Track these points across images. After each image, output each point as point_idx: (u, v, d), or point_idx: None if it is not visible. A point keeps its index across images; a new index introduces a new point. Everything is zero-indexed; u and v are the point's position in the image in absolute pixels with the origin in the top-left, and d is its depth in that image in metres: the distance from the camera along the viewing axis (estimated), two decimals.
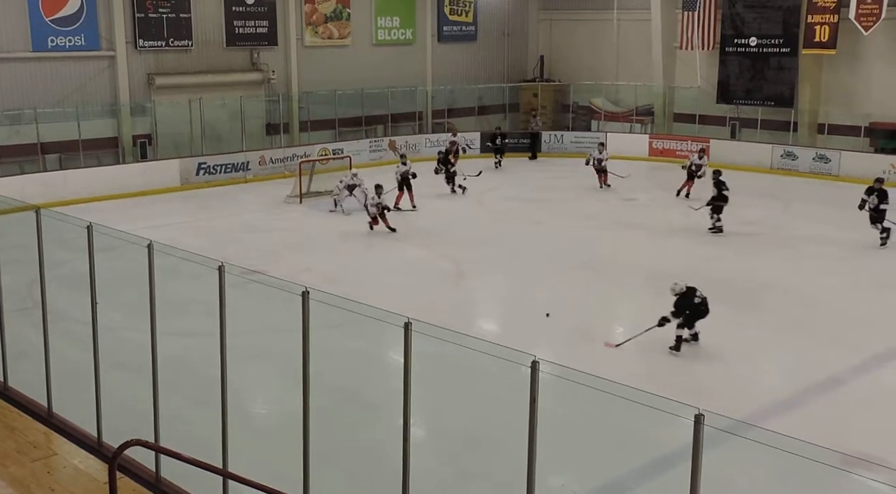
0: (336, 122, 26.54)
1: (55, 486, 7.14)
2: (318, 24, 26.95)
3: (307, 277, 11.13)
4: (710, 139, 26.64)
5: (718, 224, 17.85)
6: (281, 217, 19.76)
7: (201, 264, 7.24)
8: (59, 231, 8.60)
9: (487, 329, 12.68)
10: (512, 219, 19.47)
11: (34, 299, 9.29)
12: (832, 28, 24.64)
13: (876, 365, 11.29)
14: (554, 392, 6.11)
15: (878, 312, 13.11)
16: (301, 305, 6.24)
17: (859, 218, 17.03)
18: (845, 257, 16.36)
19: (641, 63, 28.88)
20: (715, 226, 17.86)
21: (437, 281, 15.03)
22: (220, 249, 15.33)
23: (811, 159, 24.60)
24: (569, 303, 13.54)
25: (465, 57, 30.51)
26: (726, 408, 8.58)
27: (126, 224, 12.29)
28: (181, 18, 23.78)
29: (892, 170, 23.14)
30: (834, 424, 9.12)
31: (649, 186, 23.67)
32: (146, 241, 7.29)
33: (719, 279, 14.81)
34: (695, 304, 11.28)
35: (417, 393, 6.02)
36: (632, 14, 29.33)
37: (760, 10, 26.40)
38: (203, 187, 22.60)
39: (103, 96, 22.78)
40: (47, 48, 21.72)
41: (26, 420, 8.42)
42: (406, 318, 5.67)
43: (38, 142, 21.28)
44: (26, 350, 9.30)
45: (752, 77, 26.83)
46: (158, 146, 23.58)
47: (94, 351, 8.03)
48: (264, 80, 25.58)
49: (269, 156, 24.19)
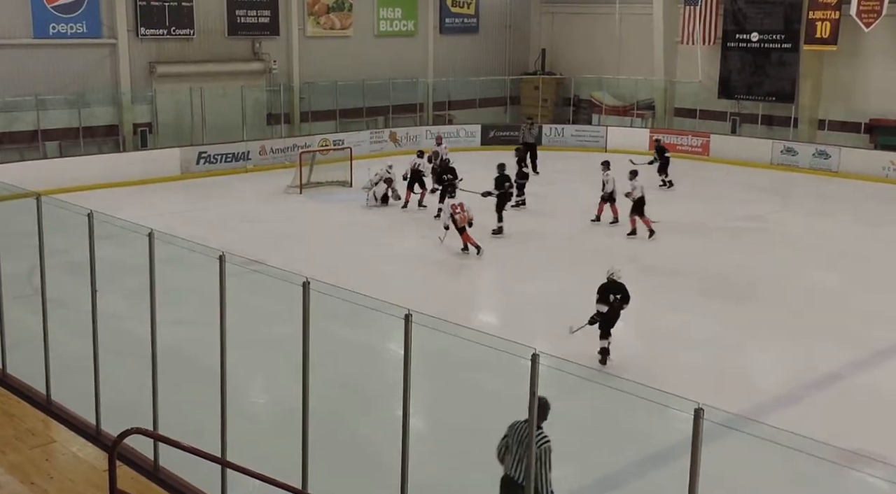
0: (337, 113, 26.49)
1: (54, 473, 7.14)
2: (320, 14, 26.88)
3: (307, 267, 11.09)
4: (710, 134, 26.63)
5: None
6: (281, 207, 19.74)
7: (202, 253, 7.23)
8: (60, 218, 8.59)
9: (487, 321, 12.69)
10: (511, 209, 19.43)
11: (34, 286, 9.29)
12: (833, 24, 24.60)
13: (876, 360, 11.32)
14: (554, 384, 6.12)
15: (877, 308, 13.13)
16: (301, 296, 6.24)
17: (858, 213, 17.05)
18: (845, 252, 16.37)
19: (643, 57, 28.83)
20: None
21: (437, 272, 15.03)
22: (220, 239, 15.29)
23: (811, 155, 24.60)
24: (567, 296, 13.54)
25: (466, 49, 30.45)
26: (725, 403, 8.62)
27: (126, 212, 12.28)
28: (183, 7, 23.71)
29: (892, 166, 23.16)
30: (833, 419, 9.13)
31: (649, 181, 23.62)
32: (147, 230, 7.28)
33: (718, 274, 14.84)
34: (607, 301, 10.41)
35: (417, 384, 6.03)
36: (633, 8, 29.28)
37: (762, 5, 26.37)
38: (203, 176, 22.57)
39: (104, 84, 22.72)
40: (48, 35, 21.65)
41: (25, 407, 8.42)
42: (406, 310, 5.67)
43: (38, 129, 21.24)
44: (25, 337, 9.29)
45: (754, 72, 26.82)
46: (159, 135, 23.54)
47: (94, 338, 8.02)
48: (266, 70, 25.53)
49: (269, 146, 24.15)
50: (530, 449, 5.65)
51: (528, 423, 5.66)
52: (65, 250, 10.26)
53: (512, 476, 6.15)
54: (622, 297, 10.57)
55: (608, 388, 6.96)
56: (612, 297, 10.50)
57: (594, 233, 17.63)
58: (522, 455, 6.01)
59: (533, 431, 5.42)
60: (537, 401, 5.33)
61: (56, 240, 9.33)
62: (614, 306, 10.51)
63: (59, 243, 9.77)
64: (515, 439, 6.13)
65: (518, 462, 6.09)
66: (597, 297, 10.57)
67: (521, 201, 19.26)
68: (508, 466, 6.21)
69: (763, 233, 17.85)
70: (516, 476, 6.08)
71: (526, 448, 5.88)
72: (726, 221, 18.09)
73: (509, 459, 6.20)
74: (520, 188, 19.16)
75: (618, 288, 10.58)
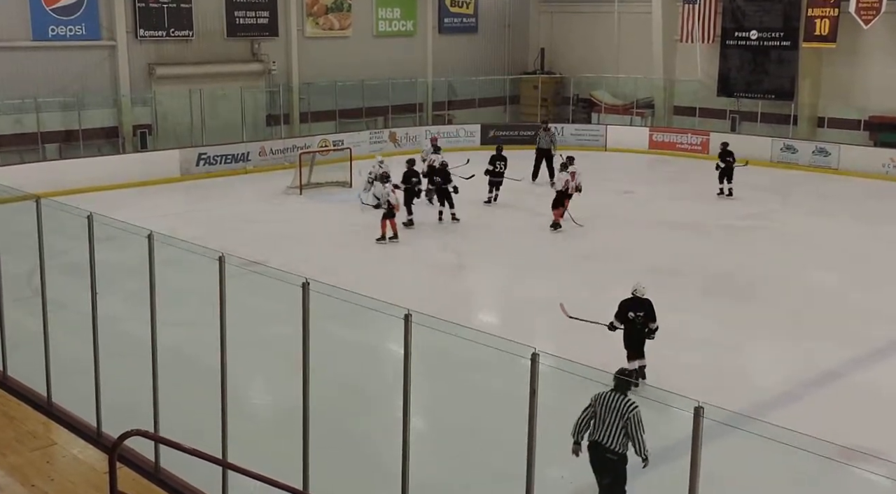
0: (336, 114, 26.48)
1: (54, 476, 7.15)
2: (319, 15, 26.87)
3: (307, 268, 11.09)
4: (709, 132, 26.63)
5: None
6: (281, 208, 19.74)
7: (202, 254, 7.23)
8: (60, 220, 8.59)
9: (487, 320, 12.69)
10: (512, 209, 19.44)
11: (34, 288, 9.29)
12: (832, 22, 24.60)
13: (875, 358, 11.32)
14: (554, 384, 6.12)
15: (877, 305, 13.12)
16: (301, 296, 6.24)
17: (858, 211, 17.04)
18: (845, 251, 16.37)
19: (642, 56, 28.82)
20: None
21: (437, 272, 15.03)
22: (220, 240, 15.29)
23: (811, 152, 24.58)
24: (568, 295, 13.53)
25: (465, 49, 30.43)
26: (725, 401, 8.62)
27: (126, 214, 12.27)
28: (182, 8, 23.70)
29: (892, 163, 23.15)
30: (833, 417, 9.13)
31: (649, 179, 23.66)
32: (146, 231, 7.28)
33: (718, 272, 14.84)
34: (627, 319, 9.68)
35: (417, 384, 6.03)
36: (632, 6, 29.27)
37: (761, 3, 26.37)
38: (203, 178, 22.57)
39: (104, 86, 22.71)
40: (48, 37, 21.64)
41: (25, 410, 8.43)
42: (406, 310, 5.67)
43: (38, 131, 21.23)
44: (26, 339, 9.30)
45: (753, 70, 26.81)
46: (159, 136, 23.53)
47: (94, 340, 8.03)
48: (265, 71, 25.52)
49: (269, 147, 24.15)
50: (619, 415, 6.74)
51: (613, 392, 6.86)
52: (64, 252, 10.28)
53: (600, 441, 6.91)
54: (646, 315, 9.66)
55: (608, 388, 6.96)
56: (632, 314, 9.66)
57: (593, 233, 17.62)
58: (612, 420, 6.81)
59: (534, 430, 5.40)
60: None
61: (56, 242, 9.34)
62: (636, 324, 9.67)
63: (59, 245, 9.78)
64: (604, 407, 6.86)
65: (607, 428, 6.85)
66: (616, 311, 9.86)
67: (492, 197, 19.61)
68: (598, 433, 6.92)
69: (763, 232, 17.85)
70: (606, 441, 6.86)
71: (616, 415, 6.78)
72: (726, 220, 18.07)
73: (595, 426, 6.93)
74: (493, 185, 19.47)
75: (641, 305, 9.70)
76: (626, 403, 6.79)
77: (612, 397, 6.85)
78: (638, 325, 9.68)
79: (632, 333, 9.74)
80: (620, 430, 6.78)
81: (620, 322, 9.82)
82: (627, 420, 6.74)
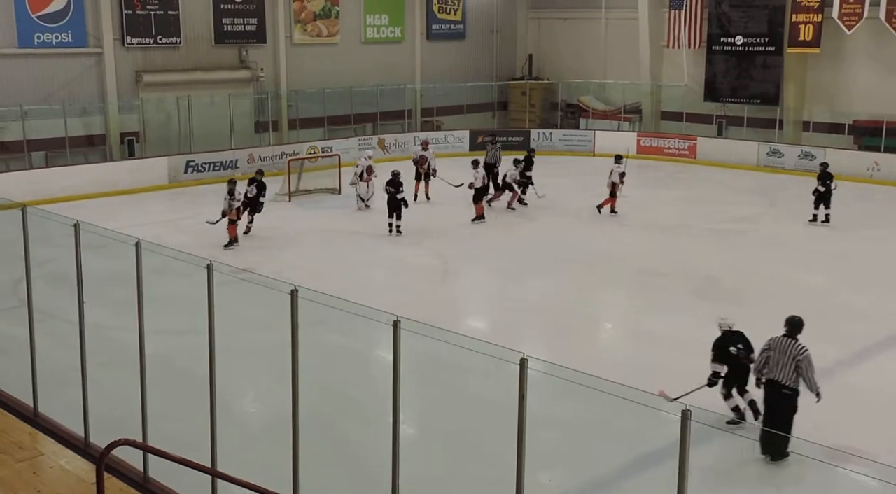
0: (325, 120, 26.49)
1: (41, 487, 7.09)
2: (307, 21, 26.88)
3: (296, 275, 11.08)
4: (696, 137, 26.77)
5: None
6: (270, 215, 19.67)
7: (189, 262, 7.21)
8: (46, 229, 8.55)
9: (475, 326, 12.69)
10: (499, 214, 19.47)
11: (20, 298, 9.24)
12: (816, 27, 24.82)
13: (864, 359, 11.38)
14: (543, 388, 6.13)
15: (866, 307, 13.21)
16: (290, 304, 6.23)
17: (843, 213, 17.16)
18: (832, 252, 16.47)
19: (629, 61, 28.97)
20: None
21: (424, 277, 15.03)
22: (208, 247, 15.27)
23: (796, 156, 24.76)
24: (557, 299, 13.57)
25: (453, 55, 30.49)
26: (715, 404, 8.65)
27: (113, 222, 12.24)
28: (169, 15, 23.66)
29: (876, 166, 23.34)
30: (820, 417, 9.16)
31: (637, 183, 23.69)
32: (134, 239, 7.25)
33: (707, 275, 14.90)
34: (729, 355, 8.97)
35: (407, 390, 6.02)
36: (619, 13, 29.42)
37: (746, 9, 26.56)
38: (192, 185, 22.50)
39: (90, 93, 22.64)
40: (34, 45, 21.56)
41: (11, 420, 8.35)
42: (395, 316, 5.67)
43: (24, 139, 21.12)
44: (12, 348, 9.24)
45: (739, 75, 26.98)
46: (146, 144, 23.45)
47: (81, 349, 7.98)
48: (253, 78, 25.49)
49: (257, 154, 24.09)
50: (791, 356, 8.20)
51: (785, 336, 8.38)
52: (51, 261, 10.22)
53: (776, 378, 8.19)
54: (745, 346, 8.99)
55: (597, 391, 6.98)
56: (734, 349, 8.95)
57: (582, 236, 17.67)
58: (786, 361, 8.19)
59: (523, 435, 5.40)
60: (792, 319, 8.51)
61: (42, 251, 9.29)
62: (740, 359, 8.93)
63: (45, 254, 9.72)
64: (777, 350, 8.25)
65: (781, 368, 8.20)
66: (712, 355, 9.03)
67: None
68: (773, 372, 8.23)
69: (751, 235, 17.95)
70: (780, 378, 8.16)
71: (788, 357, 8.20)
72: (714, 223, 18.15)
73: (771, 366, 8.27)
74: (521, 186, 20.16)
75: (737, 338, 9.05)
76: (796, 346, 8.15)
77: (785, 341, 8.21)
78: (742, 359, 8.95)
79: (737, 369, 9.00)
80: (793, 370, 8.06)
81: (722, 363, 9.02)
82: (799, 362, 8.06)
